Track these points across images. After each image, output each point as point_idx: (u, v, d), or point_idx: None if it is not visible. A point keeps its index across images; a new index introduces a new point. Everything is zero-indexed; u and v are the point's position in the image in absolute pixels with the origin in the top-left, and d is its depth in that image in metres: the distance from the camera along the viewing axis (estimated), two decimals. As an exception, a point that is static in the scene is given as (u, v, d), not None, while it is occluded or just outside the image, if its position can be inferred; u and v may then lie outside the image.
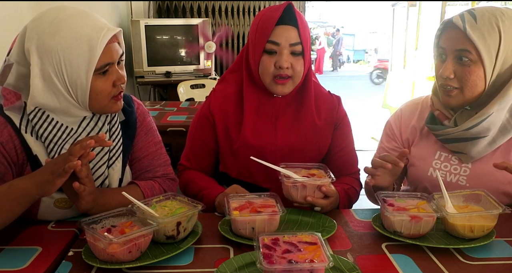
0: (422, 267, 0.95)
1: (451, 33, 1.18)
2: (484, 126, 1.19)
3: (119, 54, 1.08)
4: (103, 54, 1.02)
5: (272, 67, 1.29)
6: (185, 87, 3.82)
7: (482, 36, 1.13)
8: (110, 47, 1.04)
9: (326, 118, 1.42)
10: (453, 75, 1.18)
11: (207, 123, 1.42)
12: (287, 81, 1.31)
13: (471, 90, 1.18)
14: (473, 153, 1.23)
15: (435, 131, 1.28)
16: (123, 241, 0.90)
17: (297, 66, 1.29)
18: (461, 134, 1.22)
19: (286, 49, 1.27)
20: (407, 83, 5.72)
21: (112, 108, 1.11)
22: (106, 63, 1.04)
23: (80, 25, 1.01)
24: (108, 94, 1.07)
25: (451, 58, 1.18)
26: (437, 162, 1.31)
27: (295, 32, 1.27)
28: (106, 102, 1.08)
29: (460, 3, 6.83)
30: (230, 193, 1.19)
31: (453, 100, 1.21)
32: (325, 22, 22.09)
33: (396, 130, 1.41)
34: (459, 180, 1.27)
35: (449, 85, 1.19)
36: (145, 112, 1.29)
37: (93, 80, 1.03)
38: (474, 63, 1.15)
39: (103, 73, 1.05)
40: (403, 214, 1.04)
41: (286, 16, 1.28)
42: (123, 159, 1.18)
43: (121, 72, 1.09)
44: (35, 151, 1.08)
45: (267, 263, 0.81)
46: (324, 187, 1.16)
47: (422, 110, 1.38)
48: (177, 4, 4.78)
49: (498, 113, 1.18)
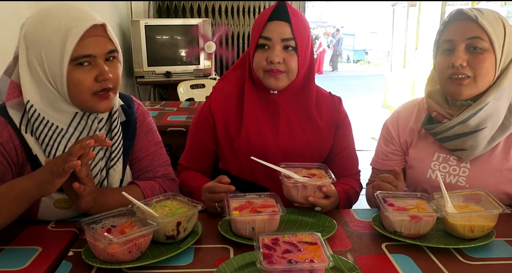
0: (422, 267, 0.95)
1: (460, 24, 1.19)
2: (481, 116, 1.19)
3: (105, 49, 1.05)
4: (82, 45, 1.01)
5: (264, 62, 1.30)
6: (185, 87, 3.82)
7: (491, 25, 1.16)
8: (93, 40, 1.03)
9: (327, 119, 1.42)
10: (466, 63, 1.18)
11: (206, 124, 1.42)
12: (280, 73, 1.30)
13: (483, 78, 1.18)
14: (473, 149, 1.23)
15: (433, 129, 1.27)
16: (123, 241, 0.90)
17: (290, 62, 1.29)
18: (459, 128, 1.22)
19: (278, 44, 1.28)
20: (407, 83, 5.72)
21: (95, 106, 1.07)
22: (84, 55, 1.02)
23: (62, 16, 1.02)
24: (88, 88, 1.04)
25: (462, 48, 1.18)
26: (435, 164, 1.31)
27: (288, 27, 1.28)
28: (87, 97, 1.05)
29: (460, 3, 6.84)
30: (212, 185, 1.18)
31: (465, 90, 1.19)
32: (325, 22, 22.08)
33: (394, 132, 1.41)
34: (458, 181, 1.27)
35: (461, 73, 1.18)
36: (145, 112, 1.28)
37: (70, 71, 1.02)
38: (486, 50, 1.17)
39: (81, 64, 1.03)
40: (403, 214, 1.04)
41: (279, 12, 1.29)
42: (123, 159, 1.18)
43: (108, 68, 1.05)
44: (35, 151, 1.07)
45: (267, 263, 0.81)
46: (324, 188, 1.16)
47: (419, 111, 1.38)
48: (177, 4, 4.78)
49: (494, 102, 1.19)
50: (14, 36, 1.11)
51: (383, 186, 1.19)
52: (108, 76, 1.05)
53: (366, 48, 18.33)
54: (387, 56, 13.88)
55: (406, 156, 1.40)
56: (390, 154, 1.41)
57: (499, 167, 1.24)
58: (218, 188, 1.17)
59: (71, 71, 1.02)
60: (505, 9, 7.48)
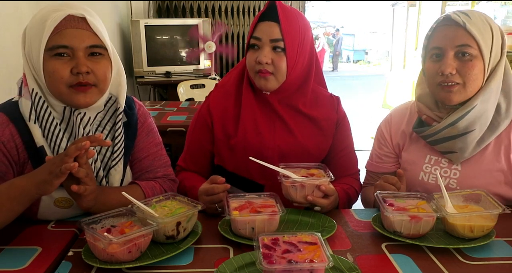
0: (422, 267, 0.95)
1: (448, 30, 1.19)
2: (469, 119, 1.20)
3: (84, 42, 1.05)
4: (60, 36, 1.03)
5: (253, 62, 1.30)
6: (185, 87, 3.82)
7: (480, 31, 1.16)
8: (71, 32, 1.04)
9: (326, 119, 1.42)
10: (455, 71, 1.18)
11: (204, 125, 1.42)
12: (268, 75, 1.30)
13: (473, 84, 1.19)
14: (463, 151, 1.23)
15: (423, 132, 1.28)
16: (123, 241, 0.90)
17: (279, 63, 1.29)
18: (448, 131, 1.22)
19: (267, 44, 1.28)
20: (407, 83, 5.72)
21: (72, 99, 1.06)
22: (60, 45, 1.03)
23: (46, 9, 1.05)
24: (63, 79, 1.04)
25: (451, 55, 1.18)
26: (427, 166, 1.31)
27: (277, 28, 1.28)
28: (63, 89, 1.05)
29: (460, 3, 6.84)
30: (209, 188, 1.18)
31: (455, 96, 1.20)
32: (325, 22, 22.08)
33: (387, 135, 1.41)
34: (449, 183, 1.27)
35: (451, 81, 1.19)
36: (146, 113, 1.29)
37: (45, 60, 1.04)
38: (475, 57, 1.17)
39: (60, 55, 1.04)
40: (403, 214, 1.04)
41: (269, 12, 1.29)
42: (124, 159, 1.19)
43: (90, 63, 1.06)
44: (41, 142, 1.08)
45: (267, 263, 0.81)
46: (323, 186, 1.16)
47: (411, 114, 1.38)
48: (177, 4, 4.78)
49: (482, 105, 1.19)
50: (14, 36, 1.11)
51: (386, 187, 1.19)
52: (82, 70, 1.04)
53: (366, 48, 18.33)
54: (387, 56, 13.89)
55: (399, 159, 1.40)
56: (384, 156, 1.41)
57: (490, 168, 1.24)
58: (216, 189, 1.17)
59: (48, 60, 1.04)
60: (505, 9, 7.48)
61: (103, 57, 1.09)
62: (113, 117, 1.17)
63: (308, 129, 1.40)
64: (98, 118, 1.15)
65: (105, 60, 1.10)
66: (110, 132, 1.17)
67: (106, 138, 1.16)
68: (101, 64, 1.08)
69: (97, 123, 1.16)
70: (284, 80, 1.32)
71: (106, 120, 1.17)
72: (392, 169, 1.39)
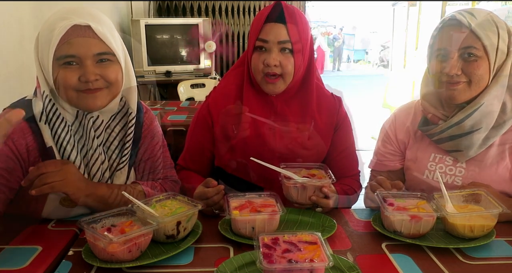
0: (422, 267, 0.95)
1: (453, 31, 1.19)
2: (475, 117, 1.20)
3: (91, 50, 1.05)
4: (66, 46, 1.03)
5: (261, 65, 1.30)
6: (185, 86, 3.82)
7: (485, 31, 1.16)
8: (78, 41, 1.04)
9: (326, 120, 1.41)
10: (460, 71, 1.18)
11: (204, 124, 1.42)
12: (277, 80, 1.30)
13: (478, 83, 1.19)
14: (468, 149, 1.23)
15: (428, 131, 1.28)
16: (123, 241, 0.90)
17: (287, 64, 1.29)
18: (454, 130, 1.22)
19: (274, 46, 1.28)
20: (407, 83, 5.73)
21: (82, 103, 1.08)
22: (67, 55, 1.03)
23: (57, 17, 1.05)
24: (72, 86, 1.05)
25: (456, 56, 1.18)
26: (432, 164, 1.31)
27: (284, 29, 1.27)
28: (73, 94, 1.06)
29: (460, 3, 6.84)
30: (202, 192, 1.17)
31: (460, 94, 1.20)
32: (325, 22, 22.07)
33: (391, 133, 1.41)
34: (454, 181, 1.27)
35: (456, 81, 1.19)
36: (152, 117, 1.30)
37: (54, 68, 1.05)
38: (480, 57, 1.17)
39: (69, 64, 1.04)
40: (403, 214, 1.04)
41: (275, 14, 1.28)
42: (129, 162, 1.20)
43: (100, 69, 1.06)
44: (50, 143, 1.08)
45: (267, 263, 0.81)
46: (325, 188, 1.16)
47: (416, 113, 1.38)
48: (177, 4, 4.78)
49: (488, 103, 1.20)
50: (14, 36, 1.11)
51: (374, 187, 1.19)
52: (90, 78, 1.05)
53: (366, 48, 18.32)
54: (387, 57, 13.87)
55: (404, 157, 1.40)
56: (388, 154, 1.41)
57: (495, 166, 1.24)
58: (209, 193, 1.16)
59: (57, 69, 1.05)
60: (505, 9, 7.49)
61: (112, 63, 1.09)
62: (122, 120, 1.18)
63: (308, 130, 1.39)
64: (108, 121, 1.15)
65: (114, 65, 1.10)
66: (119, 135, 1.17)
67: (115, 140, 1.17)
68: (111, 69, 1.09)
69: (107, 126, 1.16)
70: (291, 81, 1.32)
71: (116, 122, 1.17)
72: (397, 167, 1.40)
